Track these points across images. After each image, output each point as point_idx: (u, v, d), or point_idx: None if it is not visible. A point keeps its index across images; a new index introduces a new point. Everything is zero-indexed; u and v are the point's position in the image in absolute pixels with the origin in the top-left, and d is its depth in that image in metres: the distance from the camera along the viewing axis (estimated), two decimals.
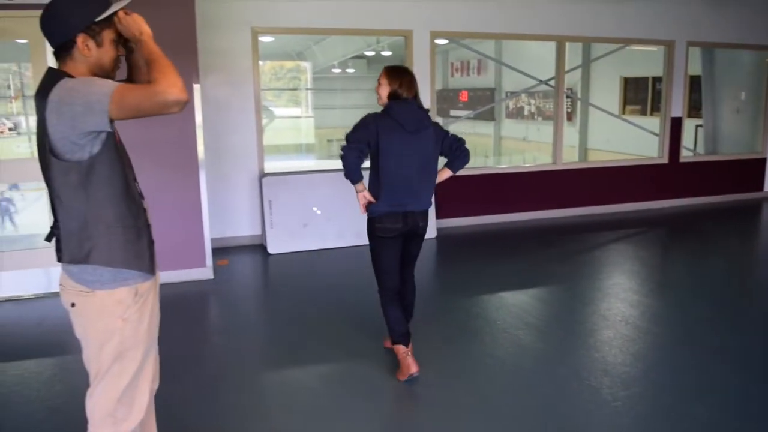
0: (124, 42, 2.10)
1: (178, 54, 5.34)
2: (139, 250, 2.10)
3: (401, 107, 3.46)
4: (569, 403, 3.37)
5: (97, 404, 2.13)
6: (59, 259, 2.08)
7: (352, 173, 3.45)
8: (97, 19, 1.97)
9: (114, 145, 2.02)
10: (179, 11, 5.18)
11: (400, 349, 3.60)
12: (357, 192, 3.54)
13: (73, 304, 2.08)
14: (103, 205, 2.01)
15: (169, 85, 1.85)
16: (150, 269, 2.15)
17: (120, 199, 2.04)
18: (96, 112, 1.86)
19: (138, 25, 2.01)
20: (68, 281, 2.07)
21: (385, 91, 3.52)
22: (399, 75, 3.52)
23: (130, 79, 2.25)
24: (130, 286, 2.09)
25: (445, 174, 3.70)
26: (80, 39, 1.98)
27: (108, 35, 2.03)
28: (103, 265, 2.03)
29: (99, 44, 2.01)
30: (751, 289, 5.65)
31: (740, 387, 3.54)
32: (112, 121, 1.91)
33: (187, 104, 1.90)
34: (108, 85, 1.89)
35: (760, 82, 9.61)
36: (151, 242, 2.18)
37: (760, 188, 9.59)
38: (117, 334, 2.08)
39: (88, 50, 2.00)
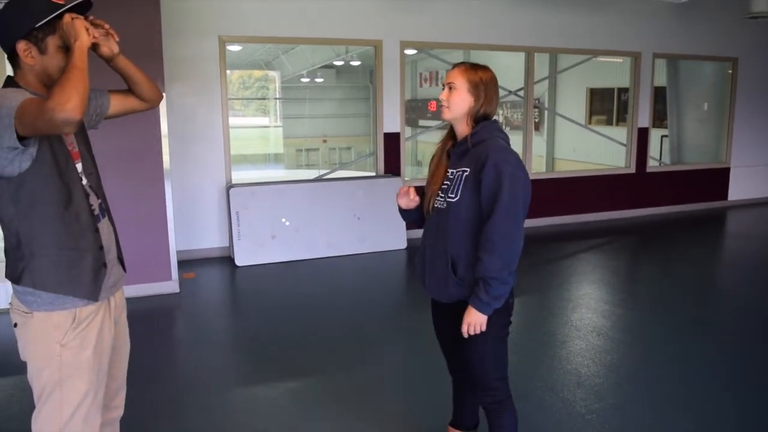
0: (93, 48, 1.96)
1: (143, 62, 5.23)
2: (76, 275, 1.96)
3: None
4: (542, 416, 3.32)
5: None
6: (5, 275, 1.99)
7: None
8: (38, 25, 1.85)
9: (51, 161, 1.89)
10: (144, 17, 5.06)
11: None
12: None
13: (15, 324, 1.99)
14: (36, 225, 1.90)
15: (61, 102, 1.65)
16: (90, 295, 2.00)
17: (56, 218, 1.92)
18: (6, 128, 1.73)
19: (75, 32, 1.83)
20: (14, 300, 1.98)
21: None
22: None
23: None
24: (68, 310, 1.96)
25: None
26: (21, 46, 1.87)
27: (53, 42, 1.90)
28: (33, 288, 1.92)
29: (42, 51, 1.90)
30: (720, 297, 5.69)
31: (714, 397, 3.54)
32: (25, 138, 1.76)
33: (79, 125, 1.69)
34: (17, 99, 1.75)
35: (722, 93, 9.79)
36: (100, 266, 2.03)
37: (725, 197, 9.75)
38: (55, 360, 1.95)
39: (32, 58, 1.89)
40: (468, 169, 2.29)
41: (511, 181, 2.20)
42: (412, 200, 2.53)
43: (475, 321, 2.29)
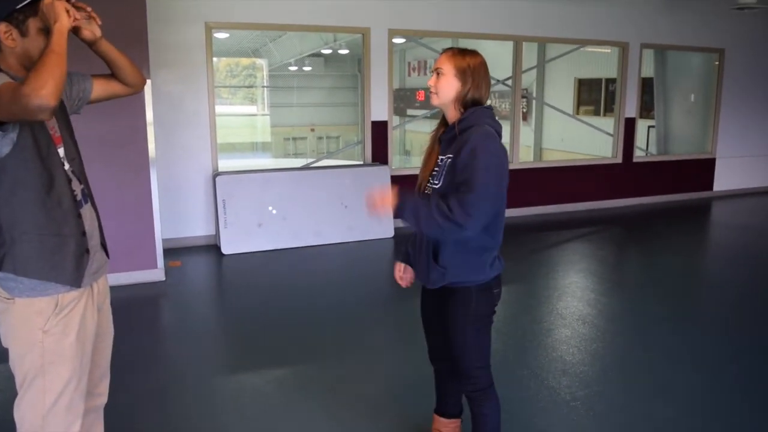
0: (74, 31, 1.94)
1: (128, 47, 5.17)
2: (58, 261, 1.94)
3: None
4: (528, 404, 3.34)
5: (24, 419, 1.99)
6: None
7: None
8: (19, 6, 1.82)
9: (32, 146, 1.86)
10: (130, 2, 5.00)
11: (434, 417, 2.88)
12: None
13: None
14: (17, 210, 1.88)
15: (36, 88, 1.61)
16: (73, 281, 1.98)
17: (38, 204, 1.89)
18: None
19: (55, 14, 1.79)
20: None
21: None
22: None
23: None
24: (51, 296, 1.94)
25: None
26: (1, 28, 1.84)
27: (34, 24, 1.87)
28: (14, 274, 1.90)
29: (23, 34, 1.87)
30: (705, 286, 5.75)
31: (697, 385, 3.58)
32: (4, 123, 1.73)
33: (55, 111, 1.68)
34: None
35: (709, 84, 9.84)
36: (82, 252, 2.01)
37: (710, 187, 9.83)
38: (37, 346, 1.94)
39: (13, 41, 1.86)
40: (453, 156, 2.25)
41: (485, 165, 2.16)
42: (408, 275, 2.62)
43: (381, 197, 2.22)
